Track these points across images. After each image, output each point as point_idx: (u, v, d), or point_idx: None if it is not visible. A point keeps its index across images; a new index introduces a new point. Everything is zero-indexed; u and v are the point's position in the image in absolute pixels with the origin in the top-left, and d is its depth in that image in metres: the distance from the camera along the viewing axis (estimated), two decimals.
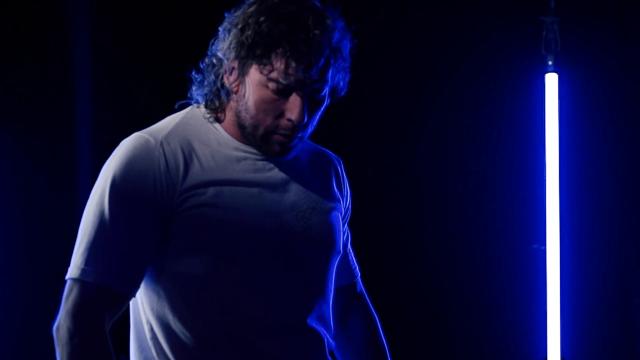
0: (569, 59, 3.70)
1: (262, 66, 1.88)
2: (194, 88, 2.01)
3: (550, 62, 3.67)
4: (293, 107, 1.90)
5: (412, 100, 3.87)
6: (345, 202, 2.12)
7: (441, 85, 3.86)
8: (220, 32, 1.95)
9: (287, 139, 1.93)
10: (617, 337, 3.77)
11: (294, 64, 1.86)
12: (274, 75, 1.88)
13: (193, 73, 2.00)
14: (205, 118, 1.98)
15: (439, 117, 3.86)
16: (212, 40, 1.96)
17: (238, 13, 1.93)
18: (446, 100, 3.85)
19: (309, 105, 1.91)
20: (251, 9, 1.91)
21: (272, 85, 1.89)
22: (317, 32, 1.87)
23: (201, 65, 1.99)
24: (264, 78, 1.89)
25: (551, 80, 3.67)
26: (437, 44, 3.85)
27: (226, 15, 1.95)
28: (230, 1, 1.96)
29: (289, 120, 1.90)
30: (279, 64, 1.87)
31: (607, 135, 3.81)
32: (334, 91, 1.97)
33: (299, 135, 1.93)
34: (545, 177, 3.67)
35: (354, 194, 2.17)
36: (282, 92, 1.89)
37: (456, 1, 3.84)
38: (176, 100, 2.04)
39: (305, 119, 1.90)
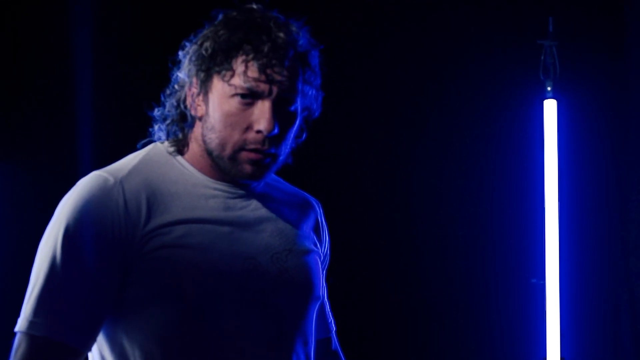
0: (568, 85, 3.63)
1: (223, 73, 1.75)
2: (156, 127, 1.88)
3: (549, 88, 3.59)
4: (260, 116, 1.75)
5: (406, 127, 3.79)
6: (323, 248, 1.98)
7: (438, 111, 3.78)
8: (180, 56, 1.83)
9: (257, 154, 1.77)
10: (615, 338, 3.72)
11: (255, 64, 1.73)
12: (235, 81, 1.75)
13: (155, 112, 1.88)
14: (168, 153, 1.84)
15: (435, 144, 3.78)
16: (173, 68, 1.85)
17: (198, 36, 1.82)
18: (443, 127, 3.78)
19: (279, 116, 1.77)
20: (210, 28, 1.80)
21: (236, 91, 1.75)
22: (281, 34, 1.75)
23: (162, 98, 1.86)
24: (227, 88, 1.75)
25: (550, 107, 3.57)
26: (434, 69, 3.78)
27: (186, 44, 1.83)
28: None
29: (258, 131, 1.75)
30: (240, 68, 1.74)
31: (607, 163, 3.76)
32: (308, 113, 1.84)
33: (271, 150, 1.78)
34: (544, 204, 3.56)
35: (339, 235, 2.03)
36: (248, 101, 1.75)
37: (453, 24, 3.78)
38: None
39: (276, 130, 1.75)
